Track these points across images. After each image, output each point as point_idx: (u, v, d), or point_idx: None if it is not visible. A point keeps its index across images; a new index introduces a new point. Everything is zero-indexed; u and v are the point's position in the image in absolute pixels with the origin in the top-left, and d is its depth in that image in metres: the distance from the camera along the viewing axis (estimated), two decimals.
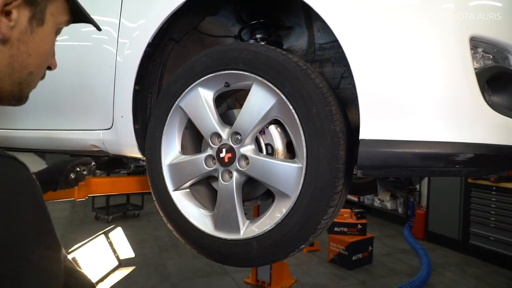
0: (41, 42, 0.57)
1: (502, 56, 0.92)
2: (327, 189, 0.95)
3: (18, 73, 0.55)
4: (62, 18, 0.61)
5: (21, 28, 0.53)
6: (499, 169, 1.00)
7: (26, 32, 0.54)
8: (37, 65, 0.58)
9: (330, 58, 1.36)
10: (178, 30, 1.33)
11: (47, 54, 0.59)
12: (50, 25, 0.58)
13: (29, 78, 0.58)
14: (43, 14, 0.56)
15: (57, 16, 0.59)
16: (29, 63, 0.56)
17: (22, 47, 0.54)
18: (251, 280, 3.92)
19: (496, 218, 4.62)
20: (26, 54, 0.55)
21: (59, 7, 0.60)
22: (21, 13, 0.53)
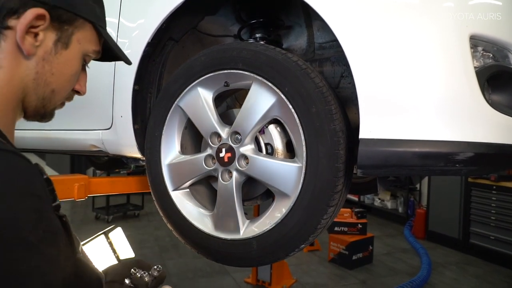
0: (64, 64, 0.62)
1: (502, 54, 0.92)
2: (327, 189, 0.95)
3: (42, 89, 0.61)
4: (90, 47, 0.67)
5: (46, 48, 0.60)
6: (499, 168, 1.00)
7: (50, 53, 0.60)
8: (60, 84, 0.64)
9: (329, 57, 1.36)
10: (178, 29, 1.33)
11: (70, 76, 0.65)
12: (75, 50, 0.64)
13: (52, 96, 0.63)
14: (68, 39, 0.62)
15: (84, 43, 0.65)
16: (52, 81, 0.62)
17: (46, 66, 0.60)
18: (252, 280, 3.92)
19: (496, 217, 4.62)
20: (50, 72, 0.61)
21: (87, 36, 0.65)
22: (47, 36, 0.59)
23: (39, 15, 0.57)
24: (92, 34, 0.67)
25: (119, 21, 1.38)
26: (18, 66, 0.58)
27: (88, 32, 0.65)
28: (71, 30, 0.62)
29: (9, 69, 0.57)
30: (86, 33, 0.65)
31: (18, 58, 0.58)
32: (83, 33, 0.64)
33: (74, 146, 1.64)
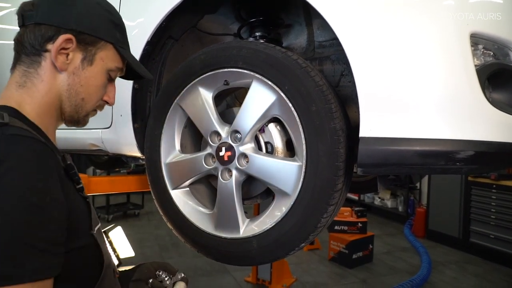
0: (90, 77, 0.77)
1: (503, 52, 0.91)
2: (327, 187, 0.94)
3: (74, 97, 0.76)
4: (112, 64, 0.80)
5: (75, 65, 0.75)
6: (500, 167, 1.00)
7: (79, 68, 0.75)
8: (88, 93, 0.78)
9: (329, 56, 1.36)
10: (177, 28, 1.33)
11: (96, 87, 0.79)
12: (99, 66, 0.78)
13: (82, 103, 0.78)
14: (93, 58, 0.76)
15: (106, 61, 0.78)
16: (81, 91, 0.77)
17: (76, 79, 0.75)
18: (252, 278, 3.92)
19: (496, 216, 4.62)
20: (79, 84, 0.76)
21: (109, 55, 0.79)
22: (75, 55, 0.75)
23: (67, 39, 0.72)
24: (114, 54, 0.80)
25: None
26: (55, 80, 0.74)
27: (110, 51, 0.79)
28: (95, 50, 0.76)
29: (48, 82, 0.74)
30: (108, 52, 0.78)
31: (54, 74, 0.74)
32: (105, 52, 0.78)
33: (74, 145, 1.63)
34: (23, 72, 0.73)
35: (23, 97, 0.72)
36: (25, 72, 0.73)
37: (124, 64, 0.83)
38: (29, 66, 0.73)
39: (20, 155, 0.59)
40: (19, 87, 0.73)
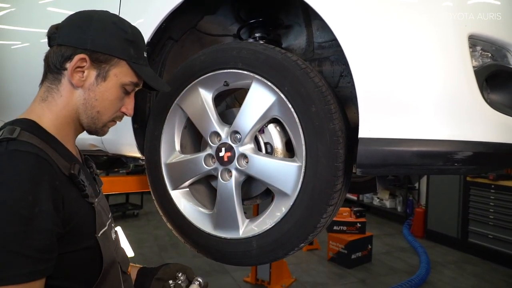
0: (104, 92, 0.82)
1: (501, 54, 0.92)
2: (326, 188, 0.95)
3: (90, 111, 0.82)
4: (126, 79, 0.84)
5: (90, 81, 0.81)
6: (498, 167, 1.00)
7: (93, 84, 0.81)
8: (103, 107, 0.83)
9: (329, 57, 1.36)
10: (177, 29, 1.33)
11: (110, 101, 0.84)
12: (113, 82, 0.83)
13: (98, 115, 0.84)
14: (106, 74, 0.82)
15: (120, 77, 0.83)
16: (96, 104, 0.82)
17: (91, 94, 0.81)
18: (251, 279, 3.93)
19: (495, 216, 4.63)
20: (94, 98, 0.82)
21: (123, 71, 0.83)
22: (90, 73, 0.81)
23: (82, 58, 0.78)
24: (128, 69, 0.84)
25: None
26: (72, 95, 0.81)
27: (123, 68, 0.83)
28: (108, 67, 0.82)
29: (66, 97, 0.81)
30: (122, 68, 0.83)
31: (72, 89, 0.81)
32: (119, 69, 0.83)
33: None
34: (47, 88, 0.81)
35: (44, 111, 0.80)
36: (48, 88, 0.81)
37: (140, 78, 0.87)
38: (52, 82, 0.81)
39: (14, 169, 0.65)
40: (42, 101, 0.81)
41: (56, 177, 0.70)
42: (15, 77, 1.78)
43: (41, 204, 0.64)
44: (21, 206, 0.62)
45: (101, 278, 0.77)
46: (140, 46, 0.87)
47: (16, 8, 1.87)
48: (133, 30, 0.86)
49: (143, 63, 0.88)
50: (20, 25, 1.79)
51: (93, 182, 0.91)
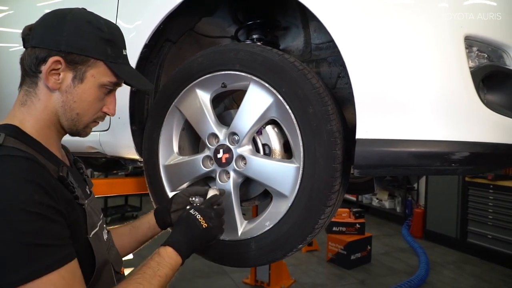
0: (82, 93, 0.81)
1: (497, 54, 0.92)
2: (324, 189, 0.95)
3: (69, 113, 0.81)
4: (105, 79, 0.82)
5: (66, 83, 0.79)
6: (495, 167, 1.01)
7: (70, 87, 0.80)
8: (82, 108, 0.82)
9: (326, 58, 1.37)
10: (175, 31, 1.33)
11: (89, 102, 0.82)
12: (90, 83, 0.81)
13: (78, 117, 0.82)
14: (83, 76, 0.80)
15: (98, 77, 0.81)
16: (75, 106, 0.81)
17: (69, 96, 0.80)
18: (250, 280, 3.92)
19: (493, 216, 4.64)
20: (72, 100, 0.80)
21: (101, 71, 0.82)
22: (66, 75, 0.79)
23: (56, 61, 0.76)
24: (106, 69, 0.82)
25: (116, 23, 1.38)
26: (50, 98, 0.80)
27: (101, 68, 0.82)
28: (85, 68, 0.80)
29: (44, 101, 0.79)
30: (99, 69, 0.81)
31: (49, 93, 0.79)
32: (96, 69, 0.81)
33: (72, 148, 1.63)
34: (25, 92, 0.80)
35: (24, 115, 0.79)
36: (26, 92, 0.80)
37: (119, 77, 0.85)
38: (29, 86, 0.80)
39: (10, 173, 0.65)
40: (21, 105, 0.80)
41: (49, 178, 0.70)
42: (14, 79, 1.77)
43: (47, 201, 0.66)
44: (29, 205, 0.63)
45: (93, 278, 0.77)
46: (118, 45, 0.85)
47: (14, 11, 1.87)
48: (110, 28, 0.84)
49: (122, 62, 0.86)
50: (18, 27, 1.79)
51: (83, 183, 0.90)
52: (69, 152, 0.98)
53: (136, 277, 0.78)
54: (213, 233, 0.96)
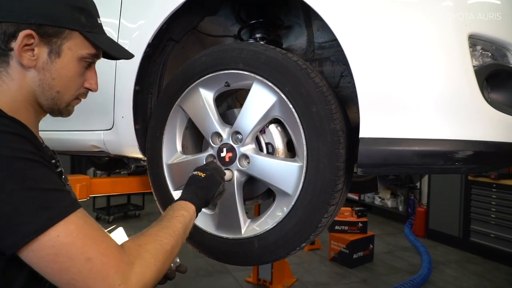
0: (61, 69, 0.75)
1: (501, 53, 0.92)
2: (327, 188, 0.95)
3: (48, 92, 0.75)
4: (83, 51, 0.77)
5: (42, 60, 0.73)
6: (498, 166, 1.00)
7: (47, 63, 0.73)
8: (62, 85, 0.76)
9: (329, 57, 1.37)
10: (178, 30, 1.33)
11: (70, 78, 0.77)
12: (69, 57, 0.75)
13: (58, 95, 0.77)
14: (59, 49, 0.74)
15: (76, 50, 0.75)
16: (55, 84, 0.75)
17: (46, 73, 0.74)
18: (253, 279, 3.93)
19: (496, 215, 4.62)
20: (51, 78, 0.74)
21: (78, 43, 0.76)
22: (41, 50, 0.72)
23: (28, 35, 0.70)
24: (82, 40, 0.76)
25: (119, 22, 1.38)
26: (25, 77, 0.73)
27: (77, 39, 0.76)
28: (60, 41, 0.74)
29: (18, 80, 0.73)
30: (76, 40, 0.75)
31: (23, 71, 0.73)
32: (72, 41, 0.75)
33: (76, 147, 1.64)
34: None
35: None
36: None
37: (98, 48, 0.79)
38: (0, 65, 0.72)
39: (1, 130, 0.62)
40: None
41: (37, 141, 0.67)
42: None
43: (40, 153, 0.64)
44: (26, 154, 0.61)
45: None
46: (92, 13, 0.79)
47: None
48: None
49: (99, 31, 0.80)
50: None
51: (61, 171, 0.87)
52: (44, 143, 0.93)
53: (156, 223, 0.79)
54: (213, 179, 0.98)
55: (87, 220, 0.63)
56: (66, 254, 0.58)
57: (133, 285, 0.62)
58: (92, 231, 0.63)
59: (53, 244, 0.58)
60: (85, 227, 0.62)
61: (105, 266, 0.60)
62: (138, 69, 1.31)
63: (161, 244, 0.72)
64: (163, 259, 0.70)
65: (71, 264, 0.58)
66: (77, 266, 0.58)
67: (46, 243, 0.58)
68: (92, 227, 0.63)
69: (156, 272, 0.68)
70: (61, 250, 0.58)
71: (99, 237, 0.63)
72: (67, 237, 0.59)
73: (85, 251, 0.59)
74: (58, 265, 0.58)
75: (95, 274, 0.59)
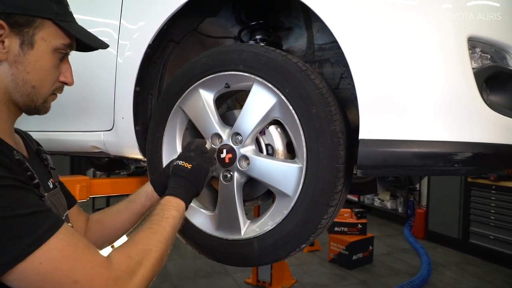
0: (35, 61, 0.70)
1: (500, 55, 0.92)
2: (327, 189, 0.95)
3: (23, 87, 0.70)
4: (57, 41, 0.72)
5: (14, 52, 0.68)
6: (497, 168, 1.01)
7: (19, 55, 0.68)
8: (38, 79, 0.71)
9: (329, 59, 1.37)
10: (178, 31, 1.34)
11: (45, 71, 0.72)
12: (43, 48, 0.70)
13: (34, 91, 0.72)
14: (32, 40, 0.69)
15: (49, 40, 0.71)
16: (29, 78, 0.70)
17: (19, 67, 0.69)
18: (252, 280, 3.93)
19: (496, 217, 4.63)
20: (24, 72, 0.69)
21: (51, 33, 0.71)
22: (12, 41, 0.67)
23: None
24: (56, 30, 0.72)
25: (120, 23, 1.39)
26: None
27: (50, 29, 0.71)
28: (32, 31, 0.69)
29: None
30: (49, 30, 0.71)
31: None
32: (45, 31, 0.70)
33: (76, 147, 1.64)
34: None
35: None
36: None
37: (72, 38, 0.75)
38: None
39: None
40: None
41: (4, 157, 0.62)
42: None
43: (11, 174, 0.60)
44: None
45: None
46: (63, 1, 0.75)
47: None
48: None
49: (71, 20, 0.75)
50: None
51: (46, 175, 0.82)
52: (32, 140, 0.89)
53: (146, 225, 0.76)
54: (200, 170, 0.95)
55: (70, 240, 0.61)
56: (53, 280, 0.57)
57: None
58: (76, 251, 0.60)
59: (38, 272, 0.57)
60: (68, 250, 0.60)
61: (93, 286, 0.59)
62: (139, 70, 1.31)
63: (150, 254, 0.70)
64: (152, 267, 0.70)
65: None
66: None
67: (29, 271, 0.56)
68: (75, 246, 0.61)
69: (146, 282, 0.68)
70: (47, 277, 0.57)
71: (84, 257, 0.61)
72: (50, 263, 0.57)
73: (71, 275, 0.58)
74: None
75: None
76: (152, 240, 0.73)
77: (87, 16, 1.44)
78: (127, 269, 0.65)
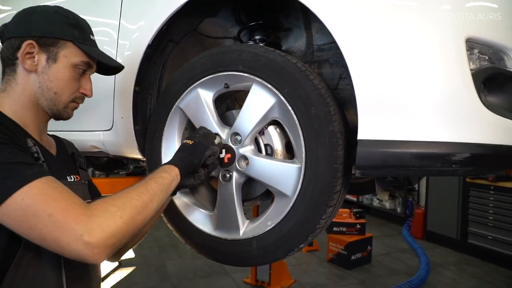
0: (57, 73, 0.89)
1: (498, 57, 0.93)
2: (326, 189, 0.96)
3: (47, 93, 0.89)
4: (77, 59, 0.91)
5: (42, 65, 0.88)
6: (495, 169, 1.01)
7: (45, 67, 0.88)
8: (59, 87, 0.90)
9: (328, 59, 1.37)
10: (178, 31, 1.34)
11: (65, 81, 0.90)
12: (64, 63, 0.89)
13: (55, 96, 0.90)
14: (56, 56, 0.89)
15: (70, 57, 0.90)
16: (52, 86, 0.89)
17: (45, 76, 0.88)
18: (251, 280, 3.93)
19: (494, 217, 4.64)
20: (48, 80, 0.89)
21: (72, 51, 0.90)
22: (40, 57, 0.88)
23: (29, 44, 0.86)
24: (76, 49, 0.91)
25: (119, 23, 1.39)
26: (28, 80, 0.88)
27: (71, 48, 0.90)
28: (56, 50, 0.89)
29: (22, 84, 0.88)
30: (70, 49, 0.90)
31: (26, 76, 0.88)
32: (67, 50, 0.90)
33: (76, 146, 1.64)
34: (5, 80, 0.89)
35: (3, 99, 0.88)
36: (6, 80, 0.89)
37: (91, 58, 0.93)
38: (9, 74, 0.89)
39: None
40: (1, 92, 0.89)
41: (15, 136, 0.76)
42: None
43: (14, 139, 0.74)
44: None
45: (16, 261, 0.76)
46: (85, 29, 0.94)
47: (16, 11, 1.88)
48: (75, 16, 0.93)
49: (90, 44, 0.94)
50: None
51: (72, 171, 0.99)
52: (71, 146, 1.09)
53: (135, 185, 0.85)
54: (200, 144, 1.03)
55: (51, 184, 0.70)
56: (31, 213, 0.66)
57: (97, 234, 0.67)
58: (55, 192, 0.69)
59: (20, 207, 0.66)
60: (48, 190, 0.69)
61: (66, 219, 0.67)
62: (138, 70, 1.31)
63: (129, 199, 0.77)
64: (130, 212, 0.75)
65: (37, 221, 0.66)
66: (42, 222, 0.66)
67: (13, 206, 0.66)
68: (55, 189, 0.70)
69: (124, 224, 0.72)
70: (27, 211, 0.66)
71: (61, 195, 0.70)
72: (30, 199, 0.67)
73: (46, 208, 0.67)
74: (27, 223, 0.67)
75: (58, 227, 0.66)
76: (133, 191, 0.81)
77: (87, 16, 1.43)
78: (103, 209, 0.72)
